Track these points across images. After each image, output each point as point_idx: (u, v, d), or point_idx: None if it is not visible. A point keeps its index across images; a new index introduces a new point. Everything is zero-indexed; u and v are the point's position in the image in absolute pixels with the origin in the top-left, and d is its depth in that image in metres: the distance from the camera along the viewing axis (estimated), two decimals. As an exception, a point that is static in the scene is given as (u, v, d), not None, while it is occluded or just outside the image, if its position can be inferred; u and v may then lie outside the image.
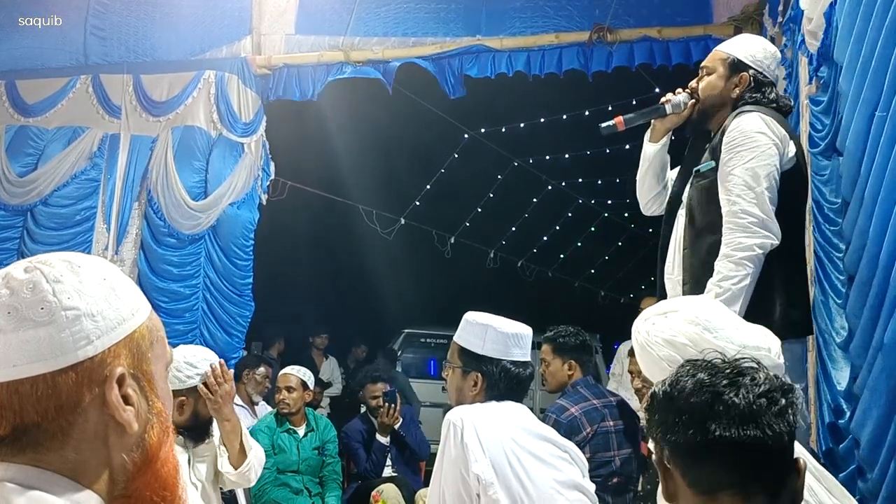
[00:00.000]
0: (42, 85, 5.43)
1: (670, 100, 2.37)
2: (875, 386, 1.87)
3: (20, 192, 5.30)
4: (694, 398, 1.00)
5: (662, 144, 2.46)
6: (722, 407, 0.97)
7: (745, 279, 2.02)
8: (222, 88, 5.19)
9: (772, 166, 2.07)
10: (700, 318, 1.34)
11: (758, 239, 2.03)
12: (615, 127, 2.33)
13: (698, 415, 0.98)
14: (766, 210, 2.05)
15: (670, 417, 1.01)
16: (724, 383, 0.99)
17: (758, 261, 2.03)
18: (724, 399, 0.98)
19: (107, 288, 0.80)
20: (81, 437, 0.76)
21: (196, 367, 2.56)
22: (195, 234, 5.15)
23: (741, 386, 0.99)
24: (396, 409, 4.23)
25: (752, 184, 2.05)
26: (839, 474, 2.23)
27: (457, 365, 2.15)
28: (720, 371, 1.02)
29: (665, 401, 1.03)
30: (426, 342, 8.53)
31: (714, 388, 0.99)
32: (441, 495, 1.95)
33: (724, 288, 2.00)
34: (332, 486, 4.10)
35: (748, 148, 2.09)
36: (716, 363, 1.05)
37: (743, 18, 4.37)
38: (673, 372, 1.07)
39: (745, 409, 0.97)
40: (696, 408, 0.99)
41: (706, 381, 1.00)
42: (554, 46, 4.68)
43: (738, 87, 2.25)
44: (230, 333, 5.22)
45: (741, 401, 0.97)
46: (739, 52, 2.29)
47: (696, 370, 1.04)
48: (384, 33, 5.02)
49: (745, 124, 2.12)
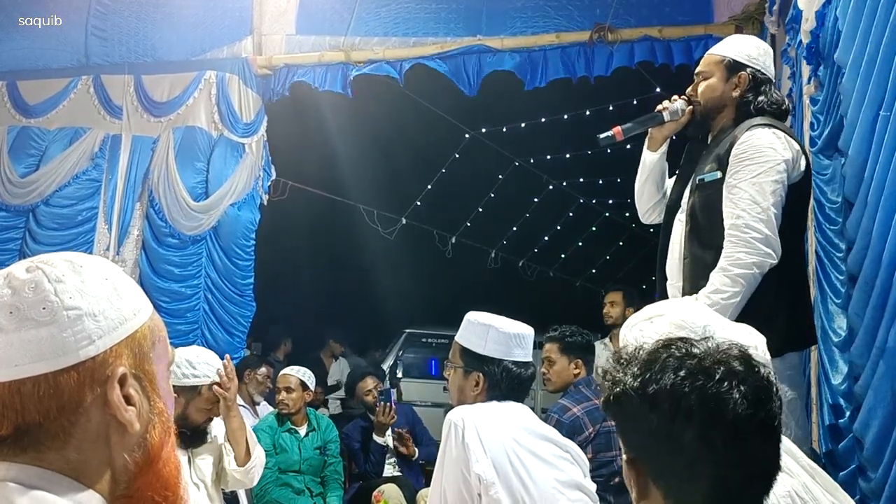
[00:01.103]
0: (43, 86, 5.44)
1: (667, 107, 2.36)
2: (879, 386, 1.86)
3: (22, 192, 5.30)
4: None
5: (661, 153, 2.46)
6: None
7: (736, 296, 2.01)
8: (223, 89, 5.19)
9: (779, 184, 2.05)
10: (687, 322, 1.34)
11: (758, 257, 2.02)
12: (613, 137, 2.33)
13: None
14: (772, 227, 2.04)
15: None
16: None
17: (753, 280, 2.02)
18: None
19: (109, 288, 0.80)
20: (83, 436, 0.76)
21: (194, 369, 2.57)
22: (196, 234, 5.16)
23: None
24: (393, 409, 4.23)
25: (758, 199, 2.04)
26: (839, 474, 2.23)
27: (458, 365, 2.15)
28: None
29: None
30: (427, 342, 8.53)
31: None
32: (442, 495, 1.95)
33: (713, 301, 1.99)
34: (333, 486, 4.10)
35: (757, 162, 2.07)
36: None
37: (744, 18, 4.36)
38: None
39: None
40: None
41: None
42: (555, 46, 4.68)
43: (739, 87, 2.24)
44: (231, 333, 5.23)
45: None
46: (734, 52, 2.28)
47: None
48: (385, 33, 5.02)
49: (757, 139, 2.11)
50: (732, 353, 0.97)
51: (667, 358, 0.96)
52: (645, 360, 0.98)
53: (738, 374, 0.93)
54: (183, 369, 2.55)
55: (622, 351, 1.04)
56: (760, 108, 2.21)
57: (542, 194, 9.21)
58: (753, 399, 0.92)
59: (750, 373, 0.94)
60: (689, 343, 0.99)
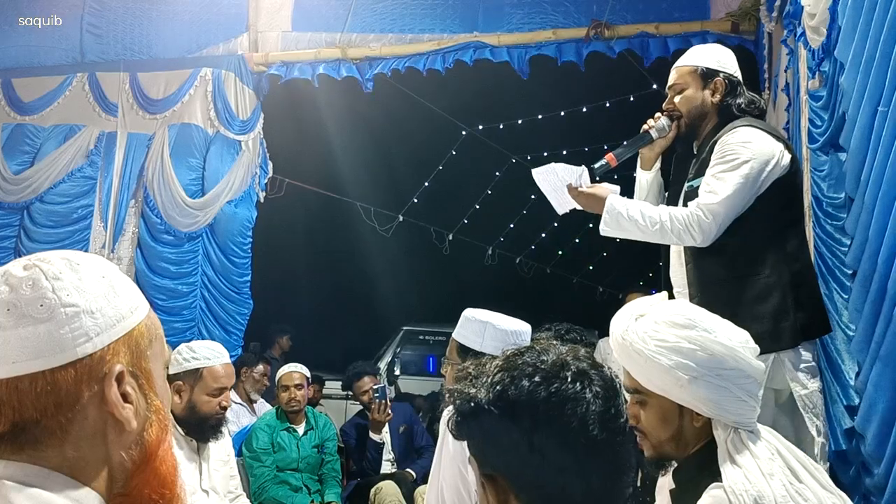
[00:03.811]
0: (38, 83, 5.43)
1: (653, 125, 2.39)
2: (879, 382, 1.87)
3: (16, 189, 5.29)
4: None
5: (656, 170, 2.50)
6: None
7: (643, 231, 2.15)
8: (219, 86, 5.18)
9: (747, 178, 2.08)
10: (692, 320, 1.36)
11: (695, 237, 2.10)
12: (607, 165, 2.36)
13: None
14: (728, 218, 2.09)
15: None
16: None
17: (661, 236, 2.15)
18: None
19: (106, 286, 0.80)
20: (80, 434, 0.76)
21: (194, 352, 2.57)
22: (192, 231, 5.15)
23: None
24: (388, 406, 4.23)
25: (726, 189, 2.08)
26: (849, 470, 2.24)
27: (455, 361, 2.16)
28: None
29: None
30: (425, 339, 8.53)
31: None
32: (440, 491, 1.96)
33: (650, 222, 2.13)
34: (331, 483, 4.10)
35: (731, 157, 2.12)
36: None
37: (740, 14, 4.37)
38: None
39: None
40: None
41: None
42: (551, 42, 4.68)
43: (717, 92, 2.28)
44: (228, 331, 5.22)
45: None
46: (704, 60, 2.32)
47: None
48: (381, 30, 5.02)
49: (735, 136, 2.15)
50: (580, 355, 0.97)
51: (521, 365, 0.94)
52: (498, 369, 0.96)
53: (587, 373, 0.93)
54: (184, 354, 2.55)
55: (465, 369, 1.01)
56: (741, 110, 2.26)
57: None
58: (604, 396, 0.92)
59: (597, 371, 0.95)
60: (539, 350, 0.97)
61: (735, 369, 1.34)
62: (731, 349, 1.34)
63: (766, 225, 2.11)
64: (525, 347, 0.99)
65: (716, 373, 1.33)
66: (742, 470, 1.28)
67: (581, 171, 2.34)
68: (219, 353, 2.65)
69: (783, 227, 2.14)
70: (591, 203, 2.28)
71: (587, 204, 2.31)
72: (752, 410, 1.37)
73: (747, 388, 1.35)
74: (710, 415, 1.36)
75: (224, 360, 2.65)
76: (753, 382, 1.37)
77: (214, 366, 2.59)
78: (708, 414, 1.36)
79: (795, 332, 2.03)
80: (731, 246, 2.12)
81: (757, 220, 2.11)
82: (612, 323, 1.48)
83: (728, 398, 1.34)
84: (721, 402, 1.34)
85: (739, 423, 1.35)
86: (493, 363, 0.98)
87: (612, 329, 1.47)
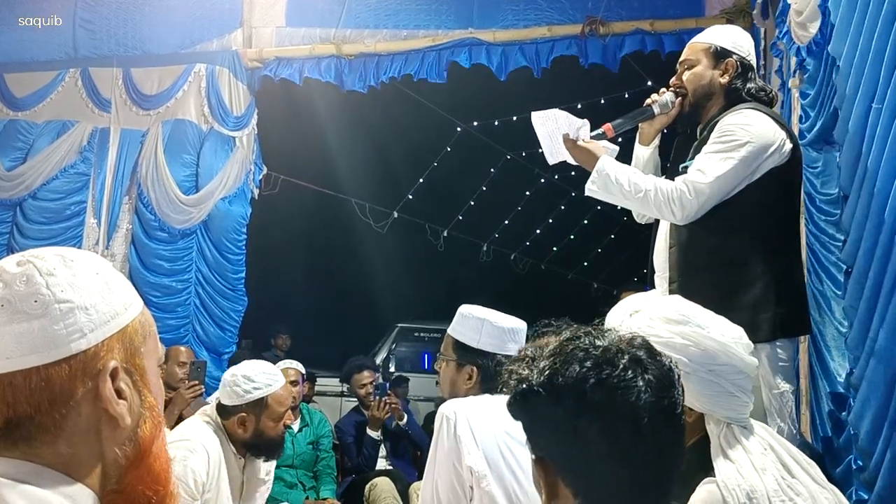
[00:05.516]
0: (31, 78, 5.39)
1: (656, 100, 2.32)
2: (872, 377, 1.87)
3: (8, 185, 5.26)
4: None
5: (653, 147, 2.44)
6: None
7: (628, 197, 2.12)
8: (213, 82, 5.16)
9: (742, 163, 2.04)
10: (686, 316, 1.36)
11: (675, 212, 2.07)
12: (604, 134, 2.29)
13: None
14: (713, 199, 2.05)
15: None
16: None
17: (644, 205, 2.13)
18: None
19: (100, 282, 0.80)
20: (74, 430, 0.76)
21: (253, 381, 2.44)
22: (186, 228, 5.13)
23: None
24: (387, 403, 4.22)
25: (716, 170, 2.04)
26: (839, 465, 2.25)
27: (451, 358, 2.15)
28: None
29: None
30: (420, 336, 8.53)
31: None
32: (434, 488, 1.96)
33: (634, 189, 2.10)
34: (326, 480, 4.10)
35: (729, 137, 2.07)
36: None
37: (735, 11, 4.38)
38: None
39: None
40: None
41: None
42: (546, 39, 4.68)
43: (727, 73, 2.21)
44: (223, 328, 5.21)
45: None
46: (719, 39, 2.26)
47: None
48: (376, 26, 5.01)
49: (736, 118, 2.10)
50: (636, 342, 0.96)
51: (573, 350, 0.94)
52: (551, 353, 0.96)
53: (641, 361, 0.92)
54: (243, 386, 2.41)
55: (525, 349, 1.02)
56: (750, 94, 2.20)
57: (534, 187, 9.22)
58: (657, 386, 0.91)
59: (653, 360, 0.94)
60: (594, 335, 0.97)
61: (727, 365, 1.35)
62: (723, 345, 1.35)
63: (758, 214, 2.07)
64: (582, 331, 0.98)
65: (708, 368, 1.34)
66: (735, 465, 1.29)
67: (582, 124, 2.26)
68: (276, 375, 2.53)
69: (777, 218, 2.10)
70: (583, 158, 2.22)
71: (580, 158, 2.24)
72: (744, 406, 1.37)
73: (739, 384, 1.36)
74: (702, 410, 1.37)
75: (283, 381, 2.55)
76: (746, 378, 1.38)
77: (277, 391, 2.48)
78: (701, 409, 1.37)
79: (774, 327, 1.99)
80: (720, 232, 2.07)
81: (750, 208, 2.06)
82: (607, 319, 1.49)
83: (720, 393, 1.35)
84: (713, 397, 1.35)
85: (732, 418, 1.36)
86: (549, 347, 0.98)
87: (607, 325, 1.48)
